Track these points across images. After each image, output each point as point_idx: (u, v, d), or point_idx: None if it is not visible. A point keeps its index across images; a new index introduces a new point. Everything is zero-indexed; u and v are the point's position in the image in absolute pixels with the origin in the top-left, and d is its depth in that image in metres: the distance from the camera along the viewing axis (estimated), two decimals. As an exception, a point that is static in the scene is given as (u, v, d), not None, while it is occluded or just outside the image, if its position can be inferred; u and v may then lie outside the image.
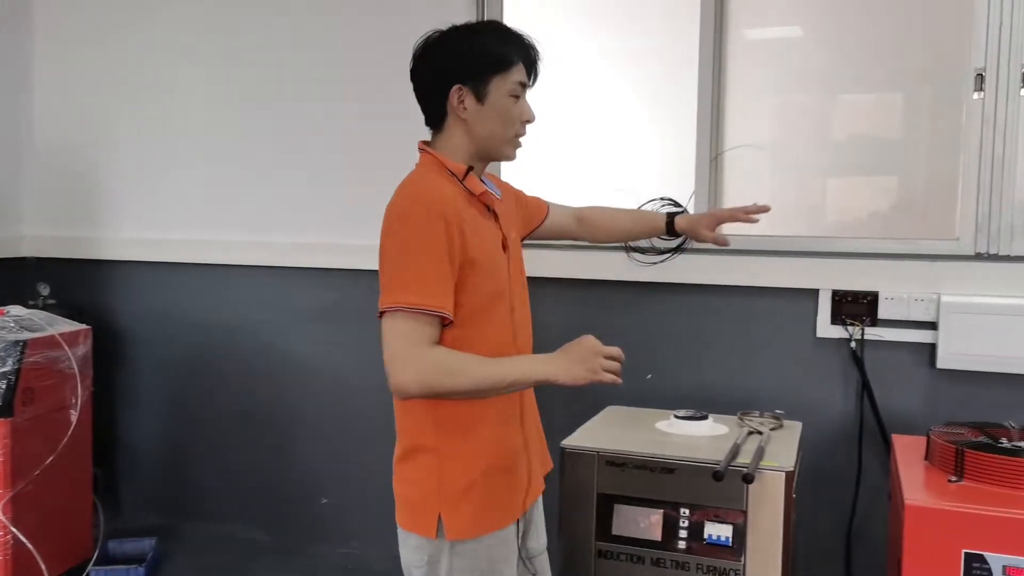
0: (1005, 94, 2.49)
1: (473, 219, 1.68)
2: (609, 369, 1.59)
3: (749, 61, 2.90)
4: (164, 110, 3.53)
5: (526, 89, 1.75)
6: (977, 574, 1.76)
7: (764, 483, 1.98)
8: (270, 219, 3.38)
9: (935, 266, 2.55)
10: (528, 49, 1.74)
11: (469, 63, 1.69)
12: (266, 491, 3.48)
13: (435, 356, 1.57)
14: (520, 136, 1.77)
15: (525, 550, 1.85)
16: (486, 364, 1.60)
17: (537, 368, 1.61)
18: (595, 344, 1.61)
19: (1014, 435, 2.09)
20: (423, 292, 1.57)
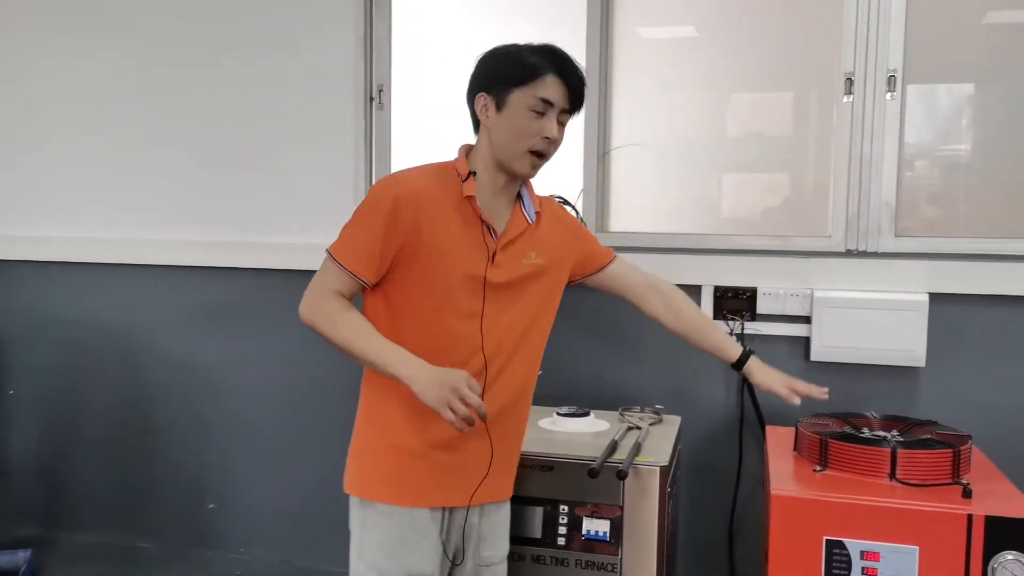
0: (872, 98, 2.59)
1: (444, 216, 1.76)
2: (457, 411, 1.63)
3: (641, 59, 2.94)
4: (39, 105, 3.38)
5: (554, 108, 1.77)
6: (837, 560, 1.83)
7: (640, 478, 2.02)
8: (148, 217, 3.27)
9: (809, 262, 2.65)
10: (565, 70, 1.78)
11: (495, 72, 1.79)
12: (149, 498, 3.37)
13: (330, 303, 1.76)
14: (536, 151, 1.78)
15: (478, 557, 1.92)
16: (362, 333, 1.74)
17: (400, 364, 1.70)
18: (459, 382, 1.66)
19: (875, 425, 2.19)
20: (347, 251, 1.76)
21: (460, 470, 1.85)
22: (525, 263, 1.87)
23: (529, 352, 1.93)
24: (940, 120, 2.68)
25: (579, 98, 1.81)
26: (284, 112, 3.10)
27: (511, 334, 1.87)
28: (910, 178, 2.65)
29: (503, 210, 1.86)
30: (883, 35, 2.58)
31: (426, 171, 1.83)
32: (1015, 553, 1.73)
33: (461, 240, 1.78)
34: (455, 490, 1.85)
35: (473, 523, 1.90)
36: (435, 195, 1.78)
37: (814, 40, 2.77)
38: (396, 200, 1.74)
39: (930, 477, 1.89)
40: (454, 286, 1.79)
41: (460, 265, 1.79)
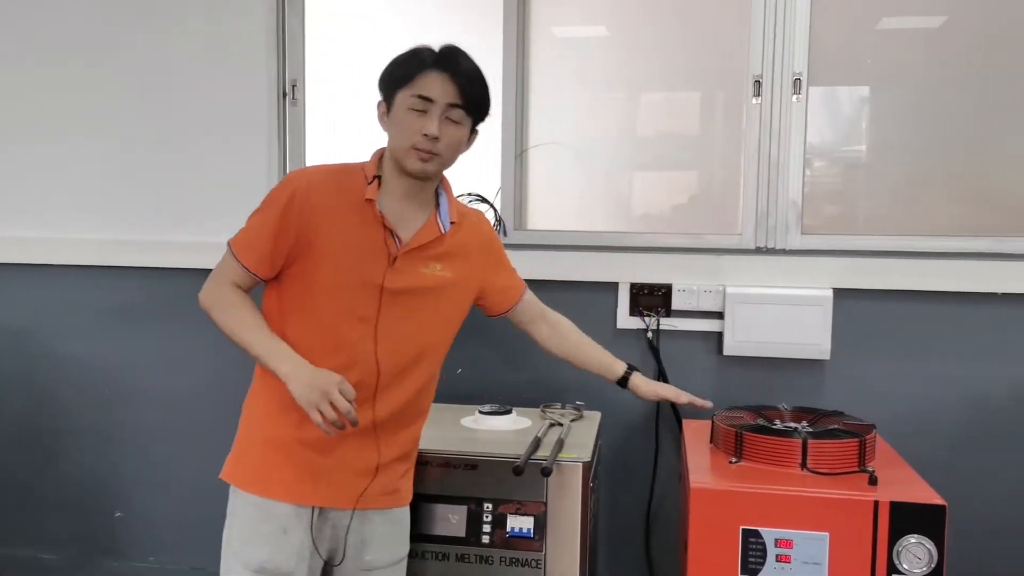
0: (779, 100, 2.68)
1: (341, 217, 1.78)
2: (324, 414, 1.65)
3: (556, 59, 2.97)
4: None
5: (435, 103, 1.76)
6: (753, 548, 1.90)
7: (563, 475, 2.05)
8: (51, 215, 3.12)
9: (721, 259, 2.72)
10: (444, 62, 1.77)
11: (386, 77, 1.83)
12: (52, 507, 3.23)
13: (225, 291, 1.81)
14: (419, 148, 1.77)
15: (359, 561, 1.91)
16: (250, 325, 1.78)
17: (279, 360, 1.73)
18: (330, 385, 1.67)
19: (786, 416, 2.27)
20: (243, 242, 1.81)
21: (337, 472, 1.85)
22: (428, 273, 1.87)
23: (426, 362, 1.94)
24: (840, 122, 2.80)
25: (469, 93, 1.79)
26: (195, 108, 3.00)
27: (409, 343, 1.88)
28: (813, 178, 2.76)
29: (414, 216, 1.86)
30: (788, 39, 2.67)
31: (334, 170, 1.85)
32: (918, 536, 1.82)
33: (357, 243, 1.80)
34: (330, 491, 1.85)
35: (353, 527, 1.89)
36: (333, 195, 1.80)
37: (723, 42, 2.84)
38: (292, 196, 1.77)
39: (838, 466, 1.98)
40: (345, 288, 1.80)
41: (353, 268, 1.79)
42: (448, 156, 1.83)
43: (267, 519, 1.82)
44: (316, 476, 1.84)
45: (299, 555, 1.83)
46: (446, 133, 1.78)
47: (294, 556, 1.82)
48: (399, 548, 1.99)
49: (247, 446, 1.90)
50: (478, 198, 2.92)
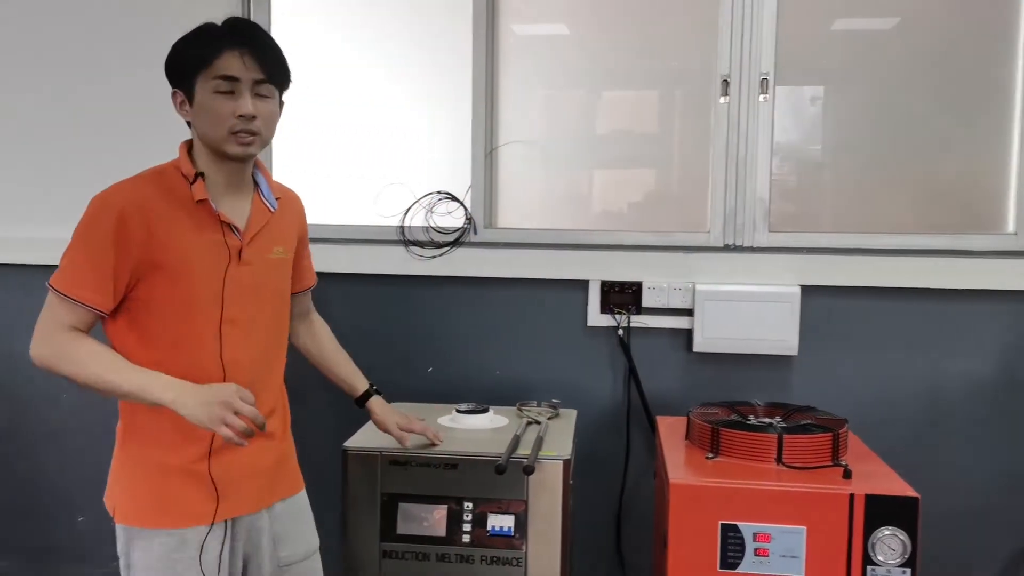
0: (747, 100, 2.72)
1: (177, 224, 1.67)
2: (232, 426, 1.57)
3: (519, 57, 2.97)
4: None
5: (241, 82, 1.67)
6: (732, 542, 1.93)
7: (543, 473, 2.06)
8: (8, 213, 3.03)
9: (690, 257, 2.75)
10: (238, 38, 1.68)
11: (176, 67, 1.72)
12: (9, 514, 3.13)
13: (63, 340, 1.64)
14: (237, 131, 1.68)
15: (276, 560, 1.86)
16: (110, 365, 1.64)
17: (160, 391, 1.62)
18: (230, 396, 1.59)
19: (759, 412, 2.31)
20: (72, 281, 1.65)
21: (235, 480, 1.78)
22: (272, 258, 1.82)
23: (282, 347, 1.93)
24: (805, 121, 2.85)
25: (272, 66, 1.71)
26: (158, 111, 2.93)
27: (270, 332, 1.85)
28: (778, 176, 2.81)
29: (241, 202, 1.79)
30: (756, 39, 2.71)
31: (146, 179, 1.72)
32: (892, 528, 1.87)
33: (201, 246, 1.70)
34: (232, 500, 1.78)
35: (262, 527, 1.84)
36: (161, 204, 1.68)
37: (689, 42, 2.87)
38: (121, 214, 1.63)
39: (813, 460, 2.02)
40: (202, 296, 1.71)
41: (205, 273, 1.71)
42: (267, 132, 1.74)
43: (180, 547, 1.73)
44: (223, 490, 1.75)
45: (225, 568, 1.77)
46: (260, 109, 1.70)
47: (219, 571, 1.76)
48: (311, 539, 1.96)
49: (137, 479, 1.76)
50: (448, 196, 2.92)
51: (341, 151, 3.04)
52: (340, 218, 2.94)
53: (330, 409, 2.61)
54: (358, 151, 3.04)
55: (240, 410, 1.58)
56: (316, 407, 2.56)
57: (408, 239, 2.88)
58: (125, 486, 1.77)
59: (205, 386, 1.63)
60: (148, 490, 1.74)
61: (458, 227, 2.88)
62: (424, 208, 2.91)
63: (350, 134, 3.04)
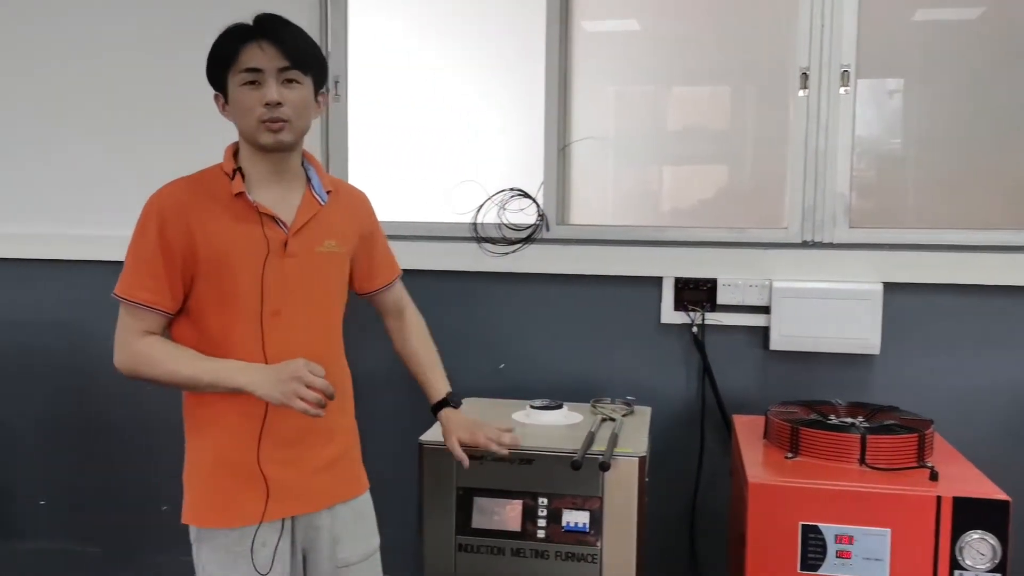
0: (827, 93, 2.66)
1: (216, 219, 1.72)
2: (306, 398, 1.60)
3: (590, 53, 2.96)
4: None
5: (264, 72, 1.69)
6: (813, 543, 1.90)
7: (619, 469, 2.05)
8: (82, 211, 3.13)
9: (767, 254, 2.71)
10: (253, 31, 1.71)
11: (212, 71, 1.77)
12: (97, 501, 3.26)
13: (139, 345, 1.72)
14: (265, 120, 1.70)
15: (334, 559, 1.87)
16: (185, 361, 1.71)
17: (234, 375, 1.68)
18: (299, 369, 1.62)
19: (841, 412, 2.26)
20: (132, 285, 1.72)
21: (296, 479, 1.80)
22: (321, 251, 1.82)
23: (336, 344, 1.91)
24: (887, 114, 2.77)
25: (295, 52, 1.71)
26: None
27: (321, 326, 1.85)
28: (859, 171, 2.74)
29: (289, 196, 1.80)
30: (836, 31, 2.65)
31: (190, 179, 1.78)
32: (981, 532, 1.81)
33: (240, 240, 1.72)
34: (287, 500, 1.80)
35: (321, 525, 1.86)
36: (200, 202, 1.73)
37: (765, 35, 2.82)
38: (160, 215, 1.70)
39: (897, 461, 1.97)
40: (243, 288, 1.72)
41: (244, 265, 1.72)
42: (297, 120, 1.73)
43: (239, 542, 1.76)
44: (277, 489, 1.77)
45: (285, 563, 1.80)
46: (287, 96, 1.70)
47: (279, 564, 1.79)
48: (371, 540, 1.96)
49: (201, 480, 1.81)
50: (520, 193, 2.93)
51: (415, 149, 3.08)
52: (414, 215, 2.97)
53: (408, 402, 2.64)
54: (432, 149, 3.08)
55: (311, 383, 1.61)
56: (394, 400, 2.59)
57: (481, 236, 2.90)
58: (188, 485, 1.82)
59: (275, 365, 1.67)
60: (206, 489, 1.79)
61: (530, 224, 2.88)
62: (497, 205, 2.92)
63: (424, 132, 3.07)
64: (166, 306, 1.72)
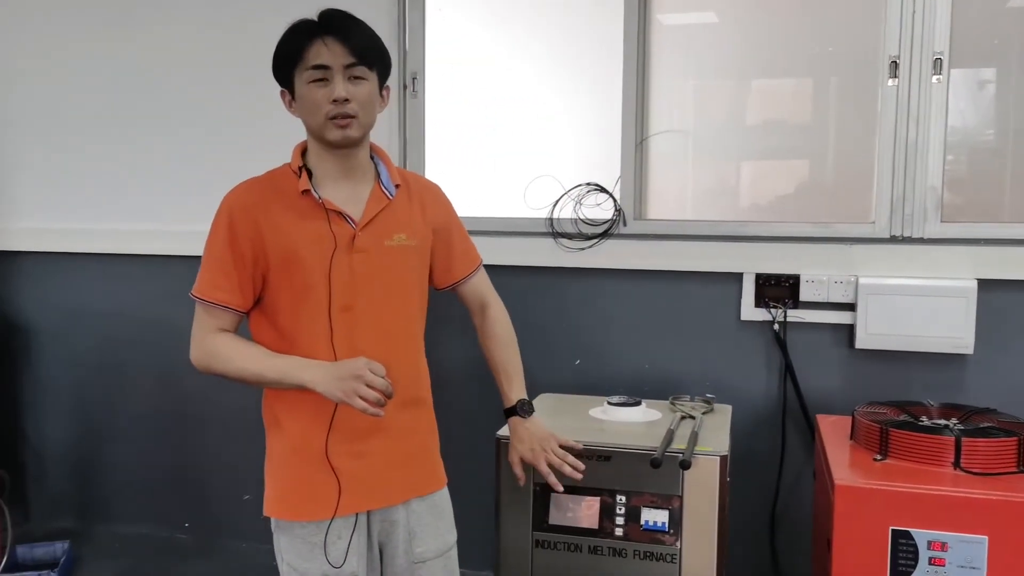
0: (918, 82, 2.57)
1: (283, 217, 1.73)
2: (365, 397, 1.61)
3: (667, 47, 2.91)
4: (56, 95, 3.36)
5: (331, 69, 1.70)
6: (904, 549, 1.83)
7: (699, 468, 2.01)
8: (177, 207, 3.24)
9: (853, 249, 2.62)
10: (320, 28, 1.72)
11: (277, 68, 1.78)
12: (183, 489, 3.37)
13: (211, 341, 1.76)
14: (333, 116, 1.71)
15: (410, 555, 1.87)
16: (252, 358, 1.74)
17: (298, 372, 1.70)
18: (360, 368, 1.64)
19: (933, 413, 2.17)
20: (206, 285, 1.76)
21: (369, 474, 1.80)
22: (390, 245, 1.80)
23: (413, 338, 1.88)
24: (981, 104, 2.66)
25: (361, 49, 1.72)
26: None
27: (395, 320, 1.82)
28: (952, 163, 2.63)
29: (358, 191, 1.80)
30: (928, 17, 2.55)
31: (256, 180, 1.81)
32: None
33: (306, 235, 1.73)
34: (362, 494, 1.80)
35: (397, 520, 1.85)
36: (269, 200, 1.75)
37: (850, 24, 2.73)
38: (230, 215, 1.74)
39: (995, 466, 1.88)
40: (312, 284, 1.73)
41: (312, 261, 1.73)
42: (364, 115, 1.74)
43: (318, 533, 1.78)
44: (351, 483, 1.78)
45: (362, 556, 1.82)
46: (354, 92, 1.71)
47: (355, 557, 1.80)
48: (447, 536, 1.95)
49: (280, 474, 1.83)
50: (597, 188, 2.90)
51: (492, 145, 3.08)
52: (490, 210, 2.97)
53: (488, 397, 2.65)
54: (508, 144, 3.07)
55: (372, 382, 1.62)
56: (474, 394, 2.59)
57: (557, 231, 2.89)
58: (268, 478, 1.85)
59: (337, 363, 1.69)
60: (284, 482, 1.82)
61: (607, 219, 2.86)
62: (573, 200, 2.90)
63: (501, 128, 3.07)
64: (238, 304, 1.76)
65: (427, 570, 1.90)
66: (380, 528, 1.86)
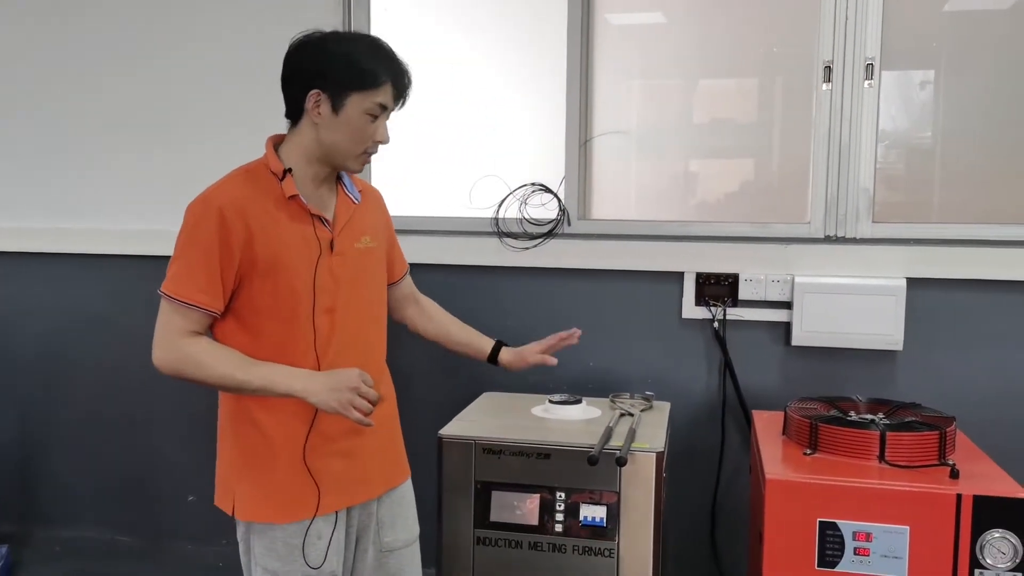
0: (851, 86, 2.64)
1: (272, 220, 1.72)
2: (359, 408, 1.65)
3: (614, 47, 2.95)
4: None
5: (387, 112, 1.77)
6: (831, 540, 1.89)
7: (636, 464, 2.05)
8: (127, 207, 3.20)
9: (789, 249, 2.69)
10: (400, 75, 1.77)
11: (333, 72, 1.71)
12: (127, 491, 3.32)
13: (186, 345, 1.69)
14: (370, 154, 1.78)
15: (379, 544, 1.90)
16: (236, 364, 1.69)
17: (287, 381, 1.69)
18: (354, 380, 1.66)
19: (861, 408, 2.24)
20: (184, 285, 1.69)
21: (351, 470, 1.83)
22: (360, 247, 1.85)
23: (378, 336, 1.94)
24: (911, 107, 2.74)
25: (406, 98, 1.82)
26: (259, 110, 3.04)
27: (366, 320, 1.87)
28: (883, 165, 2.71)
29: (328, 197, 1.83)
30: (860, 24, 2.62)
31: (239, 178, 1.76)
32: (1002, 531, 1.79)
33: (296, 240, 1.74)
34: (349, 491, 1.83)
35: (371, 512, 1.89)
36: (257, 201, 1.72)
37: (788, 29, 2.80)
38: (220, 214, 1.67)
39: (918, 459, 1.95)
40: (299, 288, 1.74)
41: (300, 266, 1.74)
42: None
43: (298, 535, 1.77)
44: (330, 483, 1.79)
45: (337, 554, 1.83)
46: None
47: (334, 555, 1.81)
48: (412, 527, 1.99)
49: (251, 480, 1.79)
50: (542, 188, 2.93)
51: (436, 144, 3.09)
52: (436, 210, 2.98)
53: (426, 396, 2.67)
54: (453, 144, 3.09)
55: (366, 394, 1.65)
56: (413, 394, 2.60)
57: (502, 231, 2.91)
58: (238, 484, 1.80)
59: (330, 373, 1.70)
60: (263, 484, 1.78)
61: (552, 219, 2.89)
62: (518, 200, 2.93)
63: (445, 127, 3.08)
64: (216, 307, 1.71)
65: (395, 559, 1.93)
66: (359, 522, 1.88)
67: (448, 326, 2.19)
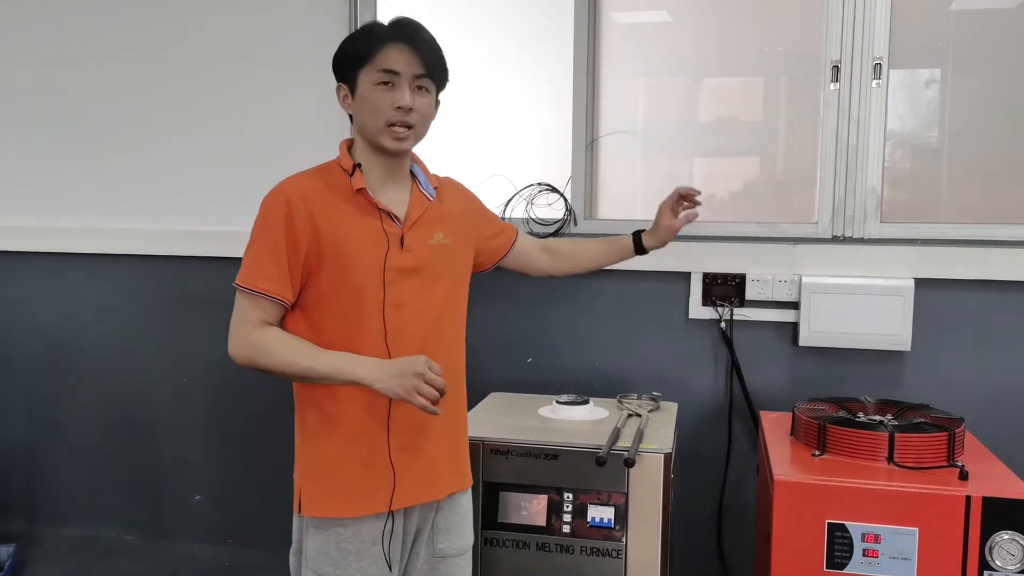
0: (859, 86, 2.63)
1: (339, 213, 1.74)
2: (425, 395, 1.63)
3: (619, 46, 2.95)
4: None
5: (401, 76, 1.73)
6: (840, 542, 1.88)
7: (644, 465, 2.05)
8: (129, 207, 3.21)
9: (796, 249, 2.68)
10: (402, 34, 1.74)
11: (342, 62, 1.79)
12: (133, 490, 3.33)
13: (257, 334, 1.71)
14: (394, 124, 1.74)
15: (432, 549, 1.87)
16: (302, 352, 1.70)
17: (352, 368, 1.68)
18: (420, 366, 1.64)
19: (870, 409, 2.24)
20: (255, 274, 1.72)
21: (420, 468, 1.81)
22: (433, 244, 1.84)
23: (453, 336, 1.91)
24: (918, 107, 2.73)
25: (432, 62, 1.76)
26: (265, 105, 3.05)
27: (435, 319, 1.85)
28: (892, 165, 2.70)
29: (399, 193, 1.84)
30: (868, 23, 2.62)
31: (309, 173, 1.80)
32: (1011, 533, 1.79)
33: (362, 234, 1.75)
34: (404, 493, 1.80)
35: (427, 516, 1.87)
36: (325, 194, 1.74)
37: (796, 28, 2.79)
38: (288, 206, 1.71)
39: (926, 460, 1.95)
40: (366, 282, 1.74)
41: (367, 259, 1.74)
42: (421, 127, 1.79)
43: (353, 538, 1.77)
44: (411, 477, 1.79)
45: (392, 559, 1.81)
46: (417, 103, 1.74)
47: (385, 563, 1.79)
48: (467, 536, 1.97)
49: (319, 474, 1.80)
50: (548, 188, 2.93)
51: (443, 144, 3.08)
52: (442, 210, 2.97)
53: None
54: (460, 144, 3.08)
55: (432, 380, 1.63)
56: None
57: (507, 228, 2.90)
58: (307, 478, 1.80)
59: (395, 360, 1.68)
60: (336, 480, 1.77)
61: (558, 218, 2.89)
62: (524, 200, 2.93)
63: (452, 127, 3.06)
64: (287, 297, 1.73)
65: (446, 567, 1.90)
66: (419, 524, 1.85)
67: (587, 252, 2.22)
